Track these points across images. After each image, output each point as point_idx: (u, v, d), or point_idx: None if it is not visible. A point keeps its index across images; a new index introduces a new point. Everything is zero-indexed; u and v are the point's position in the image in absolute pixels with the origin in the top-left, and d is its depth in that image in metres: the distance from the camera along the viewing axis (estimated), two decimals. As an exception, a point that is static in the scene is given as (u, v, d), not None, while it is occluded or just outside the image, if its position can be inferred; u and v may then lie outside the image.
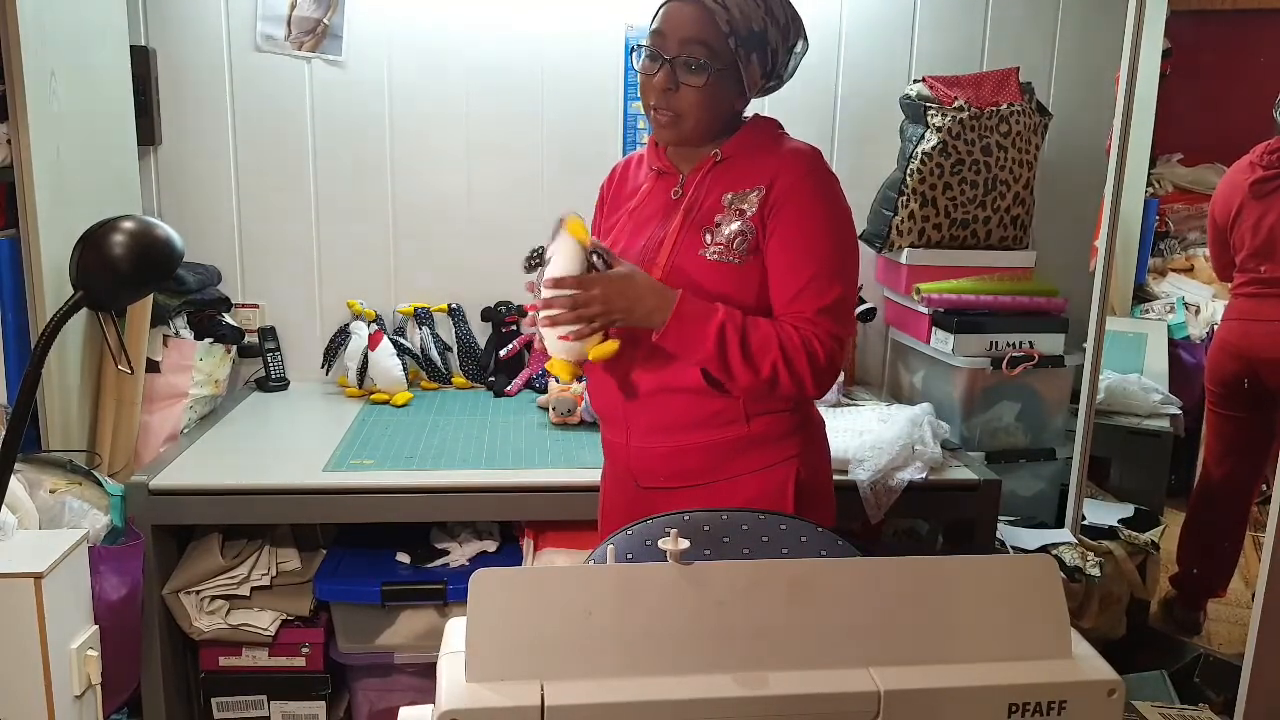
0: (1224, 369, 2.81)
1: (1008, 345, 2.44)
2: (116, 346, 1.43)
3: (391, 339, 2.57)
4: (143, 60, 2.43)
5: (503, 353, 2.62)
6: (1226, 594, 2.96)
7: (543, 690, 0.80)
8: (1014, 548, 2.29)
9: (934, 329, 2.51)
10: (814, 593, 0.86)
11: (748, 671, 0.84)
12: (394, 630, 2.07)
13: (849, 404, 2.50)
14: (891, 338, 2.81)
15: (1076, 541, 2.35)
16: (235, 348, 2.51)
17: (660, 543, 0.89)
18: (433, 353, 2.66)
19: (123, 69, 2.31)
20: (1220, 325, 2.91)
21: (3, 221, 1.97)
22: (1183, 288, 3.59)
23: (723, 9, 1.40)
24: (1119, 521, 2.54)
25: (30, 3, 1.85)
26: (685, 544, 0.88)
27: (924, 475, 2.04)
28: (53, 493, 1.83)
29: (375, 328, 2.58)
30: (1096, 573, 2.24)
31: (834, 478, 1.63)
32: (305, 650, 2.07)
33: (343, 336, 2.59)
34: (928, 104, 2.51)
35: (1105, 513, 2.60)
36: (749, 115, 1.54)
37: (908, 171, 2.50)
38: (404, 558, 2.11)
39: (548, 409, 2.35)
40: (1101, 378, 2.63)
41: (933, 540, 2.38)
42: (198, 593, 2.00)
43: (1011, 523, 2.41)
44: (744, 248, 1.44)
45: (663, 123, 1.46)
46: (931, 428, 2.16)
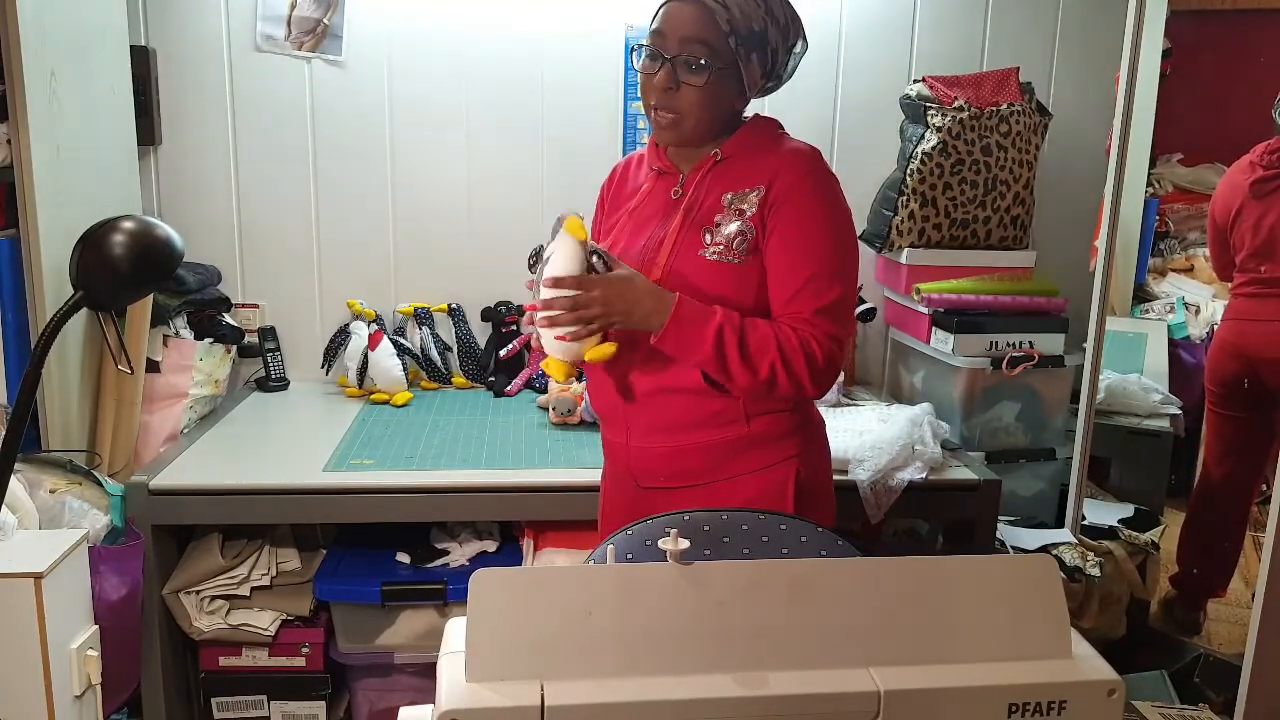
0: (1224, 369, 2.81)
1: (1008, 345, 2.44)
2: (116, 346, 1.44)
3: (391, 339, 2.57)
4: (143, 60, 2.43)
5: (503, 353, 2.63)
6: (1226, 594, 2.96)
7: (543, 690, 0.80)
8: (1014, 548, 2.29)
9: (934, 329, 2.51)
10: (814, 593, 0.86)
11: (748, 671, 0.84)
12: (394, 630, 2.07)
13: (849, 404, 2.50)
14: (891, 338, 2.81)
15: (1076, 541, 2.35)
16: (235, 348, 2.51)
17: (660, 543, 0.89)
18: (433, 353, 2.66)
19: (123, 69, 2.31)
20: (1220, 325, 2.91)
21: (3, 221, 1.97)
22: (1183, 288, 3.59)
23: (723, 8, 1.40)
24: (1119, 521, 2.54)
25: (30, 3, 1.85)
26: (685, 544, 0.88)
27: (924, 475, 2.04)
28: (53, 493, 1.83)
29: (375, 328, 2.58)
30: (1096, 573, 2.24)
31: (834, 478, 1.63)
32: (305, 650, 2.07)
33: (343, 336, 2.59)
34: (928, 104, 2.51)
35: (1105, 513, 2.60)
36: (749, 115, 1.54)
37: (908, 171, 2.50)
38: (404, 558, 2.11)
39: (548, 409, 2.35)
40: (1101, 378, 2.63)
41: (933, 540, 2.38)
42: (198, 593, 2.00)
43: (1011, 523, 2.41)
44: (743, 248, 1.44)
45: (663, 124, 1.46)
46: (931, 428, 2.16)
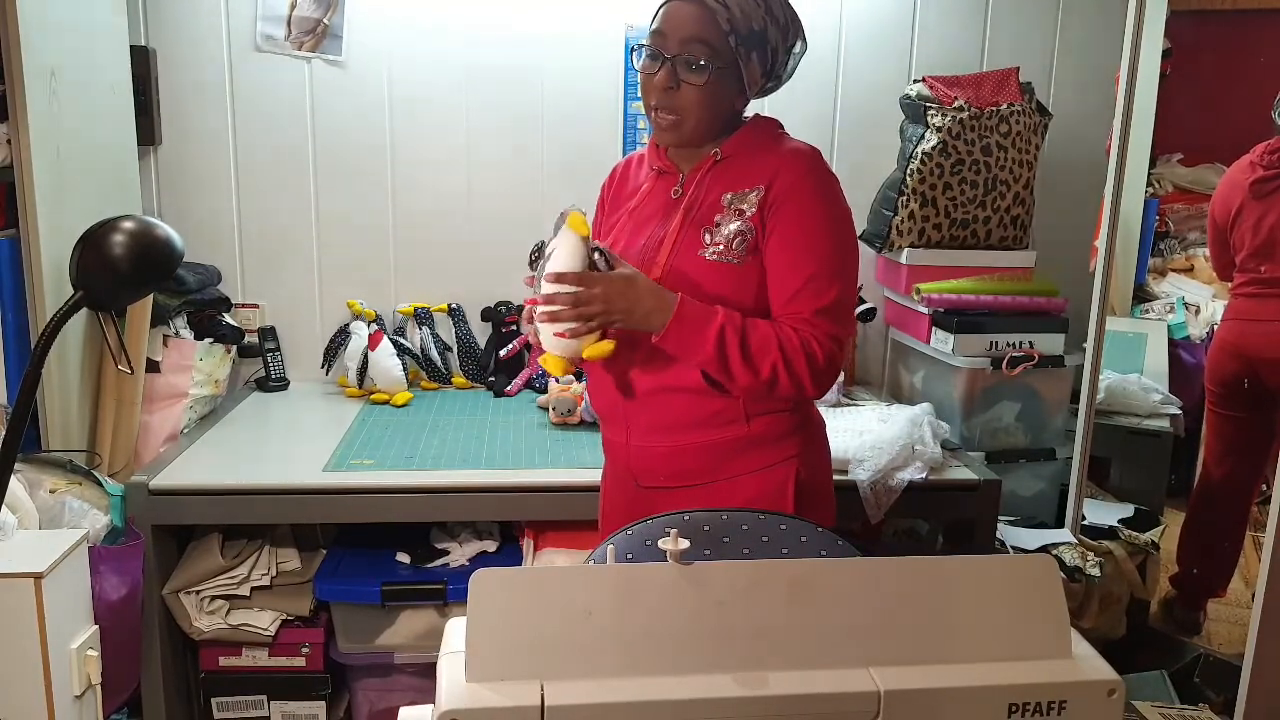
0: (1224, 369, 2.81)
1: (1008, 345, 2.44)
2: (116, 346, 1.43)
3: (391, 339, 2.57)
4: (143, 60, 2.43)
5: (503, 353, 2.63)
6: (1226, 594, 2.96)
7: (543, 690, 0.80)
8: (1014, 548, 2.29)
9: (934, 329, 2.51)
10: (814, 593, 0.86)
11: (748, 671, 0.84)
12: (394, 630, 2.07)
13: (849, 404, 2.50)
14: (891, 338, 2.81)
15: (1076, 541, 2.35)
16: (235, 348, 2.51)
17: (660, 543, 0.88)
18: (433, 353, 2.66)
19: (123, 69, 2.31)
20: (1220, 325, 2.91)
21: (3, 221, 1.97)
22: (1183, 288, 3.59)
23: (723, 8, 1.40)
24: (1119, 521, 2.54)
25: (30, 3, 1.85)
26: (685, 544, 0.88)
27: (924, 475, 2.04)
28: (53, 493, 1.83)
29: (375, 328, 2.58)
30: (1096, 573, 2.24)
31: (834, 478, 1.63)
32: (305, 650, 2.07)
33: (343, 336, 2.59)
34: (928, 104, 2.51)
35: (1105, 513, 2.60)
36: (749, 115, 1.54)
37: (908, 171, 2.50)
38: (404, 558, 2.11)
39: (548, 409, 2.35)
40: (1101, 378, 2.63)
41: (933, 540, 2.38)
42: (198, 593, 2.00)
43: (1011, 523, 2.41)
44: (743, 248, 1.44)
45: (664, 125, 1.46)
46: (931, 428, 2.16)
